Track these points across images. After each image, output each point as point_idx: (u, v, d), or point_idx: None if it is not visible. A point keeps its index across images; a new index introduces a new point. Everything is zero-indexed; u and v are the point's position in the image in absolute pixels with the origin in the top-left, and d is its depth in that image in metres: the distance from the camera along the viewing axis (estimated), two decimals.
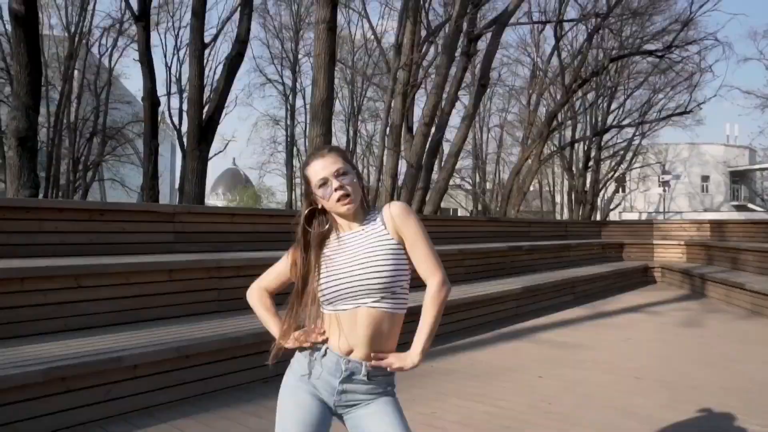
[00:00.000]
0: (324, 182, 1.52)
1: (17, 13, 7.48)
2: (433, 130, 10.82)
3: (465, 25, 11.03)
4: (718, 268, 9.54)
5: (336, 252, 1.53)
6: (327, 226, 1.58)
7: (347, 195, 1.51)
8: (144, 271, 3.93)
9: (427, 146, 11.01)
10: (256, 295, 1.72)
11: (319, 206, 1.57)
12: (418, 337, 1.51)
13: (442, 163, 13.14)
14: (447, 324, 5.35)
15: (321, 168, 1.52)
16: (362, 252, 1.49)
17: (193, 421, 2.99)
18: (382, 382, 1.53)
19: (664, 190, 28.75)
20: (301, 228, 1.58)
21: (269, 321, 1.69)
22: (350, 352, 1.50)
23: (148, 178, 12.06)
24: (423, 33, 13.55)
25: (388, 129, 11.93)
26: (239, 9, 12.21)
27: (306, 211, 1.58)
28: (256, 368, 3.71)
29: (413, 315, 1.59)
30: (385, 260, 1.48)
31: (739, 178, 42.87)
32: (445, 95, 12.02)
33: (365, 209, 1.59)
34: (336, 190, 1.50)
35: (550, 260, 9.38)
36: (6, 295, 3.33)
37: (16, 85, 8.38)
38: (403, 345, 1.53)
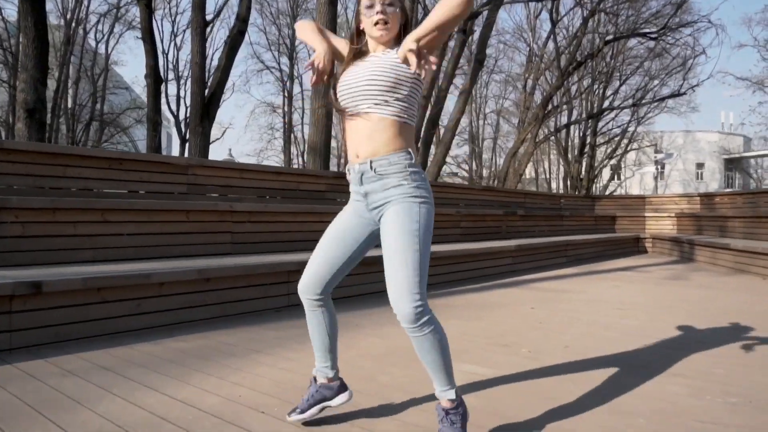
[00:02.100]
0: (371, 5, 1.75)
1: None
2: (431, 104, 11.09)
3: None
4: (707, 236, 9.88)
5: (357, 66, 1.77)
6: (361, 46, 1.83)
7: (385, 22, 1.74)
8: (164, 210, 4.22)
9: (425, 120, 11.28)
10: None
11: (361, 27, 1.80)
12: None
13: (440, 137, 13.41)
14: (442, 274, 5.66)
15: None
16: (371, 68, 1.72)
17: (215, 332, 3.28)
18: (394, 175, 1.68)
19: (658, 170, 29.03)
20: (349, 38, 1.85)
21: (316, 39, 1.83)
22: (355, 156, 1.75)
23: (152, 153, 12.30)
24: (421, 13, 13.78)
25: None
26: None
27: (354, 29, 1.83)
28: (270, 297, 4.02)
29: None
30: (383, 71, 1.67)
31: (733, 165, 43.24)
32: (442, 74, 12.28)
33: (398, 43, 1.75)
34: (377, 13, 1.74)
35: (544, 227, 9.70)
36: (39, 224, 3.61)
37: (24, 58, 8.57)
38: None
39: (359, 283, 4.63)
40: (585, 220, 11.27)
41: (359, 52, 1.82)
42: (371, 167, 1.71)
